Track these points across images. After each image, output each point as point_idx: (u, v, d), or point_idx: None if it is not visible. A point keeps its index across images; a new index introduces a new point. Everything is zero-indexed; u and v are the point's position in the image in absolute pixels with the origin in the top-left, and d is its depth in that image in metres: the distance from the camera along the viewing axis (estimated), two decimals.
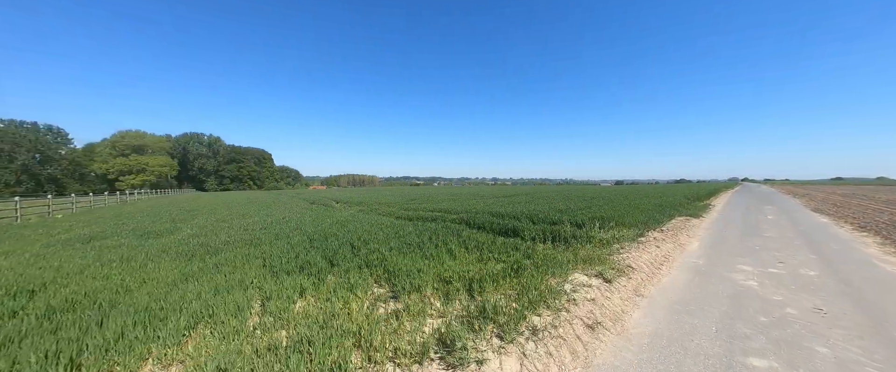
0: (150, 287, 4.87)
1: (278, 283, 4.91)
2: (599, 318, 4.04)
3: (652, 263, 6.36)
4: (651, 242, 7.85)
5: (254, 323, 3.74)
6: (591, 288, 4.82)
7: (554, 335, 3.54)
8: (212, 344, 3.24)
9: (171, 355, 3.09)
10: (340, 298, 4.39)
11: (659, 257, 6.83)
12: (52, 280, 5.20)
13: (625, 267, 5.84)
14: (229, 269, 5.68)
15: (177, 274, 5.47)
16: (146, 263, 6.23)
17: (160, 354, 3.12)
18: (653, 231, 9.18)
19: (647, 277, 5.64)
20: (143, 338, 3.28)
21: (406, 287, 4.72)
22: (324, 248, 6.95)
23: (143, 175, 76.88)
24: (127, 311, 3.85)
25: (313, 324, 3.60)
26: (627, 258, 6.37)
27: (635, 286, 5.18)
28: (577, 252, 6.50)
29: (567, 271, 5.32)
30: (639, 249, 7.16)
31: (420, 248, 6.80)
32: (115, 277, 5.44)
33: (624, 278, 5.37)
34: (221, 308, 3.94)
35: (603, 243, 7.43)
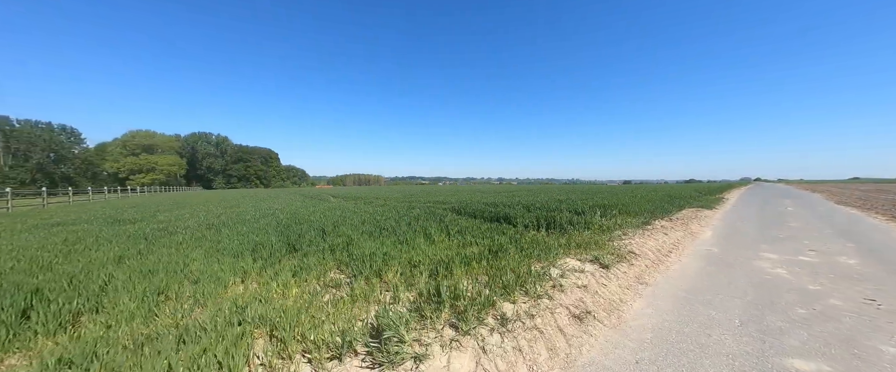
0: (70, 267, 4.23)
1: (219, 265, 4.22)
2: (590, 307, 3.23)
3: (658, 250, 5.50)
4: (658, 230, 6.97)
5: (171, 308, 3.05)
6: (582, 274, 4.01)
7: (528, 326, 2.75)
8: (90, 334, 2.56)
9: (38, 345, 2.42)
10: (281, 282, 3.68)
11: (667, 245, 5.96)
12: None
13: (626, 253, 5.00)
14: (173, 251, 5.03)
15: (113, 256, 4.84)
16: (91, 246, 5.63)
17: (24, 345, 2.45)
18: (660, 220, 8.27)
19: (653, 264, 4.80)
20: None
21: (364, 271, 3.99)
22: (289, 233, 6.27)
23: (152, 174, 78.03)
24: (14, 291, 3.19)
25: (234, 310, 2.89)
26: (629, 244, 5.52)
27: (638, 273, 4.35)
28: (571, 238, 5.67)
29: (556, 256, 4.52)
30: (643, 235, 6.30)
31: (395, 233, 6.07)
32: (46, 257, 4.84)
33: (624, 265, 4.54)
34: (126, 293, 3.25)
35: (603, 230, 6.57)
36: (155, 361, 2.02)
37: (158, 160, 79.46)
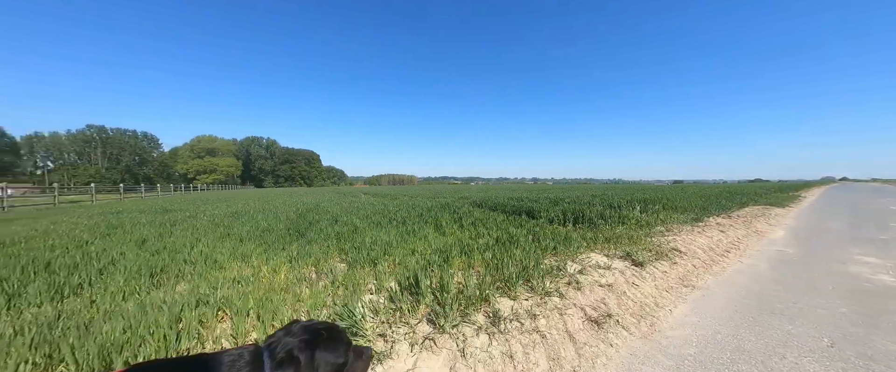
0: (97, 246, 4.47)
1: (220, 249, 4.20)
2: (613, 310, 2.60)
3: (711, 249, 4.55)
4: (713, 227, 5.87)
5: (157, 285, 2.99)
6: (608, 271, 3.33)
7: (526, 328, 2.22)
8: (69, 306, 2.53)
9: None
10: (272, 267, 3.51)
11: (723, 243, 4.94)
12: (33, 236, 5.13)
13: (668, 250, 4.17)
14: (188, 236, 5.17)
15: (137, 238, 5.09)
16: (127, 230, 6.04)
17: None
18: (715, 217, 7.03)
19: (704, 264, 3.93)
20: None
21: (359, 260, 3.70)
22: (301, 222, 6.23)
23: (214, 174, 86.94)
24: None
25: (205, 291, 2.73)
26: (674, 241, 4.63)
27: (682, 274, 3.55)
28: (600, 232, 4.92)
29: (577, 250, 3.86)
30: (692, 233, 5.30)
31: (404, 223, 5.75)
32: (86, 237, 5.23)
33: (664, 263, 3.75)
34: (122, 271, 3.27)
35: (641, 225, 5.67)
36: (92, 337, 1.84)
37: (219, 162, 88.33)
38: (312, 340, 0.95)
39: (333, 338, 1.00)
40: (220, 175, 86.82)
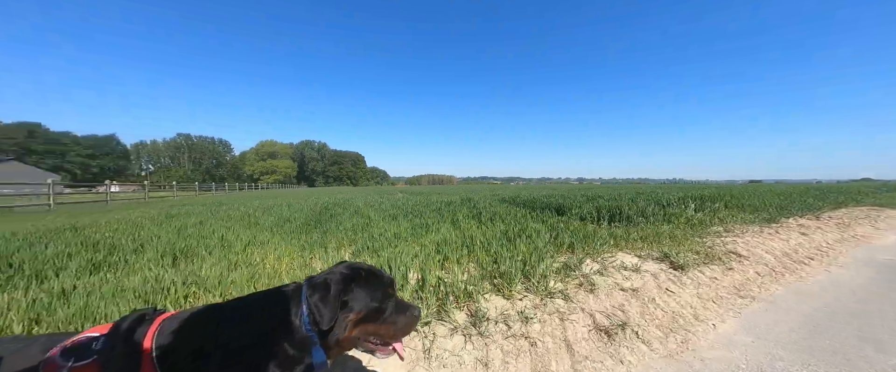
0: (147, 232, 5.00)
1: (238, 237, 4.42)
2: (633, 318, 2.11)
3: (786, 254, 3.64)
4: (791, 229, 4.75)
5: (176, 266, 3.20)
6: (636, 273, 2.78)
7: (513, 333, 1.88)
8: (81, 283, 2.77)
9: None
10: (277, 254, 3.57)
11: (805, 248, 3.95)
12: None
13: (723, 253, 3.41)
14: (218, 226, 5.56)
15: (178, 225, 5.61)
16: (178, 218, 6.74)
17: None
18: (798, 218, 5.74)
19: (772, 272, 3.13)
20: None
21: (364, 250, 3.61)
22: (322, 215, 6.41)
23: (274, 175, 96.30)
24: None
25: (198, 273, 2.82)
26: (733, 243, 3.80)
27: (738, 282, 2.85)
28: (635, 231, 4.25)
29: (602, 248, 3.32)
30: (761, 235, 4.33)
31: (421, 217, 5.59)
32: (144, 222, 5.91)
33: (715, 267, 3.05)
34: (150, 251, 3.55)
35: (692, 225, 4.81)
36: (78, 308, 1.93)
37: (278, 164, 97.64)
38: (349, 274, 0.97)
39: (372, 281, 1.00)
40: (280, 175, 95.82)
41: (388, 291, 1.03)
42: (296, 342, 0.86)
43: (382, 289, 1.01)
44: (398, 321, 1.02)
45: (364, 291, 0.97)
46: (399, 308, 1.03)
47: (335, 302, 0.89)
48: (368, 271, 1.03)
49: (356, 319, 0.95)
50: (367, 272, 1.02)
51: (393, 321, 1.00)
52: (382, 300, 0.99)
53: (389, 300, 1.02)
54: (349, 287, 0.95)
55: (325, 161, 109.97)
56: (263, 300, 0.93)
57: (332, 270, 1.01)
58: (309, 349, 0.87)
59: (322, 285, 0.92)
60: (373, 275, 1.03)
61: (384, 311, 0.99)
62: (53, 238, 4.21)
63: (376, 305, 0.98)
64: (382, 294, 1.00)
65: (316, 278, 0.96)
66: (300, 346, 0.86)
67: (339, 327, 0.92)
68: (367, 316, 0.96)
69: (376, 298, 0.98)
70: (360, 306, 0.95)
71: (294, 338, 0.86)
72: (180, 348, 0.78)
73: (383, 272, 1.08)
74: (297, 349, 0.86)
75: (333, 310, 0.88)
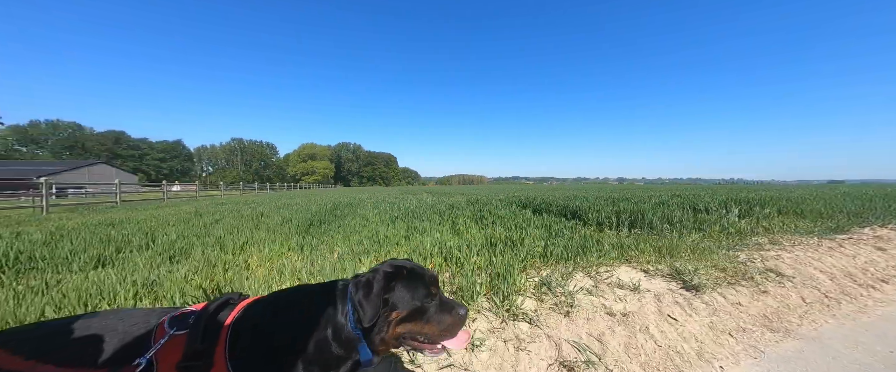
0: (166, 229, 5.38)
1: (234, 239, 4.56)
2: (614, 354, 1.73)
3: (848, 275, 2.90)
4: (865, 242, 3.83)
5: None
6: (635, 293, 2.33)
7: (451, 363, 1.60)
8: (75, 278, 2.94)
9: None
10: (260, 257, 3.60)
11: (877, 267, 3.13)
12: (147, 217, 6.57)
13: (758, 271, 2.79)
14: (225, 225, 5.82)
15: (192, 226, 5.97)
16: (202, 216, 7.23)
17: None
18: (876, 227, 4.66)
19: (823, 299, 2.48)
20: None
21: (349, 254, 3.52)
22: (328, 216, 6.47)
23: (314, 175, 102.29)
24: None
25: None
26: (777, 258, 3.12)
27: (770, 309, 2.28)
28: (653, 239, 3.68)
29: (602, 260, 2.88)
30: (819, 248, 3.53)
31: (421, 220, 5.40)
32: (170, 220, 6.40)
33: (743, 289, 2.49)
34: (149, 250, 3.75)
35: (729, 233, 4.09)
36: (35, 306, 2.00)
37: (317, 165, 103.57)
38: (392, 272, 0.98)
39: (414, 279, 1.01)
40: (318, 176, 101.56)
41: (431, 289, 1.02)
42: (342, 339, 0.89)
43: (425, 287, 1.01)
44: (443, 320, 1.00)
45: (406, 289, 0.98)
46: (443, 307, 1.02)
47: (377, 300, 0.91)
48: (411, 270, 1.03)
49: (398, 318, 0.96)
50: (409, 270, 1.02)
51: (437, 320, 0.99)
52: (424, 299, 0.99)
53: (432, 299, 1.01)
54: (391, 285, 0.96)
55: (359, 162, 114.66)
56: (316, 294, 0.97)
57: (375, 268, 1.02)
58: (355, 346, 0.90)
59: (365, 284, 0.94)
60: (415, 273, 1.03)
61: (427, 310, 0.99)
62: (83, 233, 4.65)
63: (418, 304, 0.98)
64: (425, 292, 1.00)
65: (361, 276, 0.98)
66: (346, 343, 0.89)
67: (382, 326, 0.94)
68: (410, 315, 0.97)
69: (418, 296, 0.98)
70: (403, 305, 0.96)
71: (341, 335, 0.89)
72: (244, 329, 0.86)
73: (426, 270, 1.07)
74: (343, 346, 0.89)
75: (375, 308, 0.90)
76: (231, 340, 0.83)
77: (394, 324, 0.95)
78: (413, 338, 1.00)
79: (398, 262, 1.05)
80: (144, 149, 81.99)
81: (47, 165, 42.98)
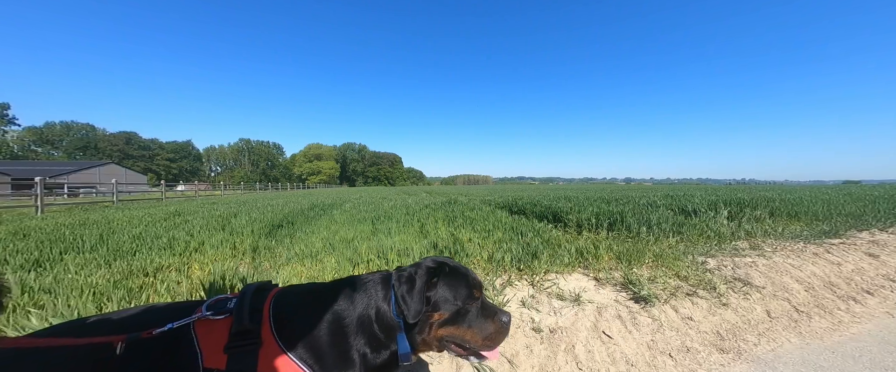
0: (135, 228, 5.30)
1: (195, 240, 4.44)
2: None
3: (829, 285, 2.61)
4: (856, 247, 3.49)
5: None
6: (575, 305, 2.10)
7: None
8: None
9: None
10: (210, 257, 3.45)
11: (865, 276, 2.82)
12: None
13: (724, 280, 2.52)
14: (198, 226, 5.72)
15: (173, 222, 5.88)
16: (183, 216, 7.16)
17: None
18: (876, 231, 4.29)
19: (792, 312, 2.21)
20: None
21: (298, 256, 3.37)
22: (299, 217, 6.34)
23: (319, 175, 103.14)
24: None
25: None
26: (749, 266, 2.83)
27: (727, 325, 2.02)
28: (626, 243, 3.41)
29: (551, 267, 2.64)
30: (803, 253, 3.22)
31: (390, 220, 5.21)
32: (148, 219, 6.34)
33: (700, 301, 2.22)
34: (106, 249, 3.63)
35: (708, 237, 3.80)
36: None
37: (323, 165, 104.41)
38: (434, 268, 0.98)
39: (456, 278, 0.99)
40: (324, 176, 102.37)
41: (474, 293, 0.98)
42: (384, 323, 0.90)
43: (467, 288, 0.98)
44: (485, 328, 0.96)
45: (448, 287, 0.96)
46: (486, 312, 0.99)
47: (420, 296, 0.90)
48: (453, 267, 1.01)
49: (440, 321, 0.94)
50: (452, 268, 1.00)
51: (479, 327, 0.96)
52: (466, 300, 0.96)
53: (474, 302, 0.97)
54: (433, 281, 0.95)
55: (364, 162, 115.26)
56: (358, 281, 0.98)
57: (418, 262, 1.00)
58: (394, 334, 0.90)
59: (408, 278, 0.93)
60: (458, 272, 1.00)
61: (468, 313, 0.96)
62: (42, 234, 4.58)
63: (460, 305, 0.95)
64: (466, 294, 0.97)
65: (404, 269, 0.98)
66: (387, 328, 0.90)
67: (424, 326, 0.93)
68: (452, 318, 0.94)
69: (460, 296, 0.96)
70: (445, 306, 0.94)
71: (383, 318, 0.90)
72: (289, 309, 0.89)
73: (470, 271, 1.03)
74: (384, 330, 0.90)
75: (419, 303, 0.89)
76: (275, 319, 0.85)
77: (436, 326, 0.94)
78: (455, 343, 0.97)
79: (440, 258, 1.02)
80: (155, 149, 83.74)
81: (59, 166, 44.16)
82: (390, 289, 0.93)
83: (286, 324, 0.85)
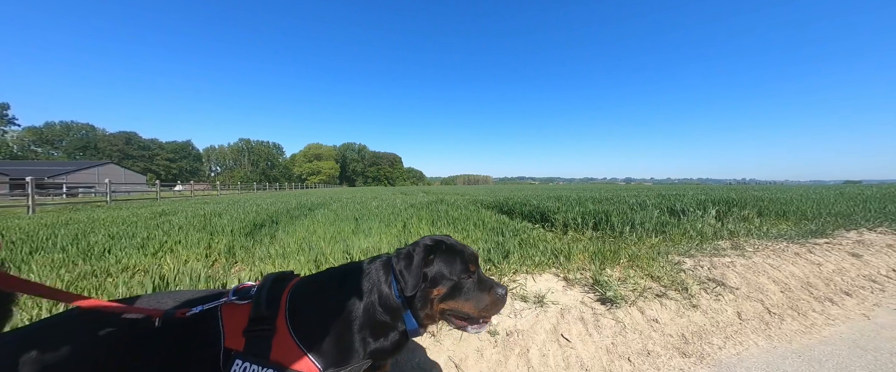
0: (113, 228, 5.24)
1: (171, 240, 4.38)
2: None
3: (806, 285, 2.54)
4: (839, 247, 3.41)
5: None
6: (538, 306, 2.03)
7: None
8: None
9: None
10: (177, 258, 3.39)
11: (845, 277, 2.74)
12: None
13: (698, 280, 2.45)
14: (176, 227, 5.67)
15: (155, 222, 5.82)
16: (167, 217, 7.10)
17: None
18: (863, 230, 4.21)
19: (764, 314, 2.14)
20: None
21: (264, 257, 3.30)
22: (283, 217, 6.27)
23: (319, 175, 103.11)
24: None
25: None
26: (726, 266, 2.76)
27: (692, 328, 1.95)
28: (605, 243, 3.34)
29: (520, 267, 2.57)
30: (784, 254, 3.14)
31: (367, 220, 5.15)
32: (133, 219, 6.29)
33: (668, 303, 2.15)
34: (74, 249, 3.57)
35: (691, 236, 3.72)
36: None
37: (322, 165, 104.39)
38: (431, 245, 1.01)
39: (452, 254, 1.02)
40: (324, 176, 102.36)
41: (469, 266, 1.02)
42: (388, 306, 0.94)
43: (462, 263, 1.01)
44: (481, 299, 1.00)
45: (444, 262, 0.99)
46: (482, 285, 1.03)
47: (417, 270, 0.93)
48: (449, 245, 1.05)
49: (439, 296, 0.98)
50: (448, 245, 1.04)
51: (475, 299, 1.00)
52: (461, 274, 1.00)
53: (469, 275, 1.02)
54: (429, 258, 0.99)
55: (364, 162, 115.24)
56: (363, 267, 1.02)
57: (416, 241, 1.04)
58: (400, 315, 0.95)
59: (406, 256, 0.96)
60: (454, 248, 1.04)
61: (462, 286, 1.00)
62: (18, 233, 4.52)
63: (455, 279, 0.98)
64: (461, 268, 1.00)
65: (402, 249, 1.01)
66: (392, 311, 0.94)
67: (426, 303, 0.97)
68: (449, 292, 0.98)
69: (455, 271, 0.99)
70: (442, 282, 0.98)
71: (386, 302, 0.94)
72: (300, 299, 0.93)
73: (466, 247, 1.07)
74: (389, 313, 0.94)
75: (416, 278, 0.93)
76: (290, 309, 0.89)
77: (436, 301, 0.98)
78: (455, 315, 1.01)
79: (438, 236, 1.07)
80: (154, 149, 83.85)
81: (58, 166, 44.18)
82: (390, 271, 0.97)
83: (299, 313, 0.89)
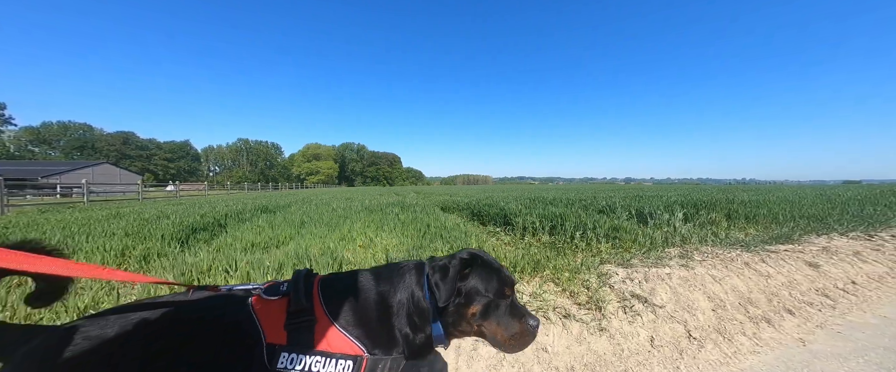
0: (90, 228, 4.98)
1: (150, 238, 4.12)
2: None
3: (745, 302, 2.24)
4: (794, 256, 3.10)
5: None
6: None
7: None
8: None
9: None
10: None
11: (795, 291, 2.44)
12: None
13: (621, 297, 2.15)
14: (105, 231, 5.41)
15: (131, 221, 5.57)
16: (143, 215, 6.84)
17: None
18: (827, 236, 3.89)
19: (682, 339, 1.85)
20: None
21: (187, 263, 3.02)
22: (229, 219, 6.00)
23: (318, 175, 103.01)
24: None
25: None
26: (660, 279, 2.46)
27: (587, 358, 1.66)
28: (550, 251, 3.05)
29: None
30: (728, 265, 2.83)
31: (340, 223, 4.87)
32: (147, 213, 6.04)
33: (571, 326, 1.86)
34: None
35: (641, 243, 3.42)
36: None
37: (321, 165, 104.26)
38: (467, 259, 1.00)
39: (488, 270, 1.00)
40: (323, 176, 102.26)
41: (505, 290, 0.99)
42: (419, 307, 0.95)
43: (498, 283, 0.98)
44: (511, 326, 0.97)
45: (479, 278, 0.98)
46: (514, 312, 0.99)
47: (452, 283, 0.93)
48: (486, 261, 1.03)
49: (474, 313, 0.97)
50: (484, 261, 1.02)
51: (505, 324, 0.97)
52: (496, 294, 0.97)
53: (504, 299, 0.98)
54: (465, 272, 0.98)
55: (363, 162, 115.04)
56: (397, 267, 1.03)
57: (454, 254, 1.03)
58: (428, 317, 0.95)
59: (442, 268, 0.96)
60: (490, 266, 1.02)
61: (497, 307, 0.97)
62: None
63: (490, 297, 0.96)
64: (497, 288, 0.97)
65: (438, 260, 1.01)
66: (421, 311, 0.95)
67: (459, 319, 0.97)
68: (483, 311, 0.96)
69: (491, 289, 0.97)
70: (477, 298, 0.96)
71: (418, 303, 0.95)
72: (336, 290, 0.95)
73: (504, 268, 1.05)
74: (419, 313, 0.94)
75: (450, 290, 0.93)
76: (325, 299, 0.91)
77: (469, 319, 0.97)
78: (483, 335, 0.99)
79: (475, 250, 1.06)
80: (152, 149, 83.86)
81: (53, 165, 44.12)
82: (423, 276, 0.98)
83: (335, 303, 0.91)
